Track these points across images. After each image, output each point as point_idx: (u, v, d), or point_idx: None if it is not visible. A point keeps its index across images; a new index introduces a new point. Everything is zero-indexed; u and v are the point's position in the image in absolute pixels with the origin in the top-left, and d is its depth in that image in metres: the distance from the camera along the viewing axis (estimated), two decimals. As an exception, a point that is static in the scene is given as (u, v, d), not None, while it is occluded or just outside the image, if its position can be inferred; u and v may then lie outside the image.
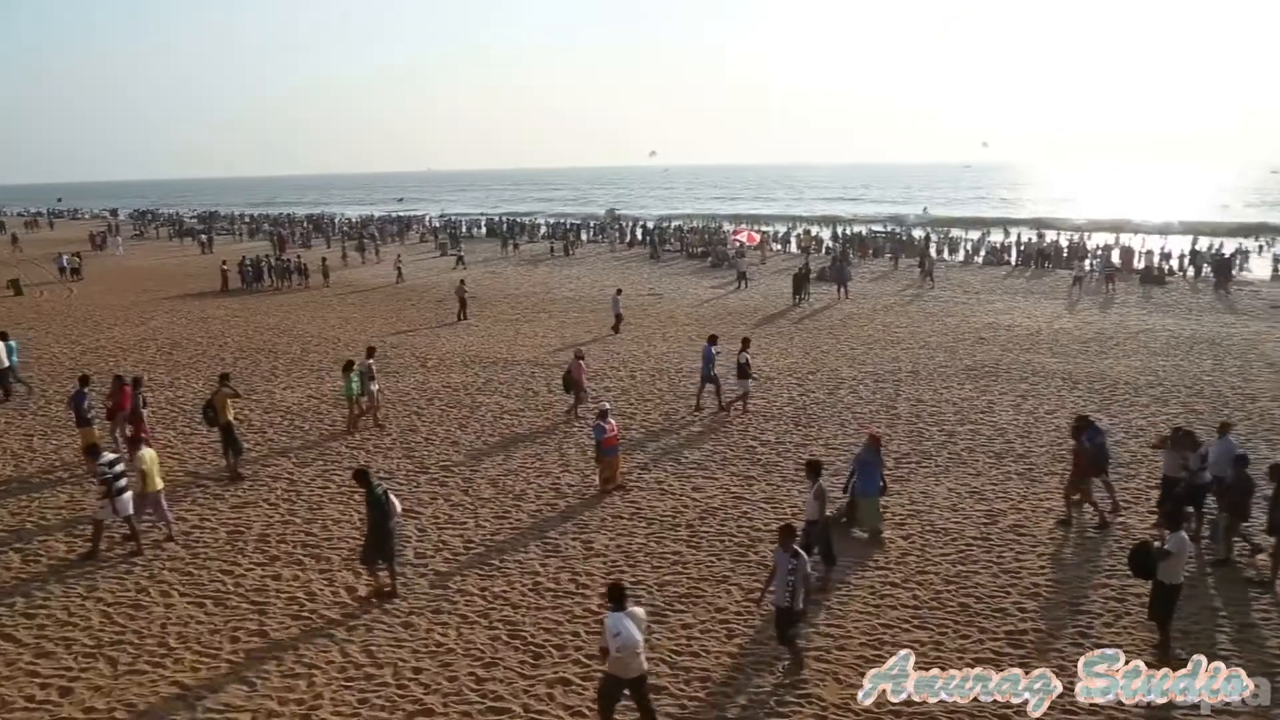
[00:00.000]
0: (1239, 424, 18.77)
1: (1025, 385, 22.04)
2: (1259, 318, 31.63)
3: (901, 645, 10.55)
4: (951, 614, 11.33)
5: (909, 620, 11.17)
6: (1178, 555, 10.19)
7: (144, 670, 10.28)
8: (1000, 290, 39.03)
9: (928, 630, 10.94)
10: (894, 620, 11.18)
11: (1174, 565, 10.20)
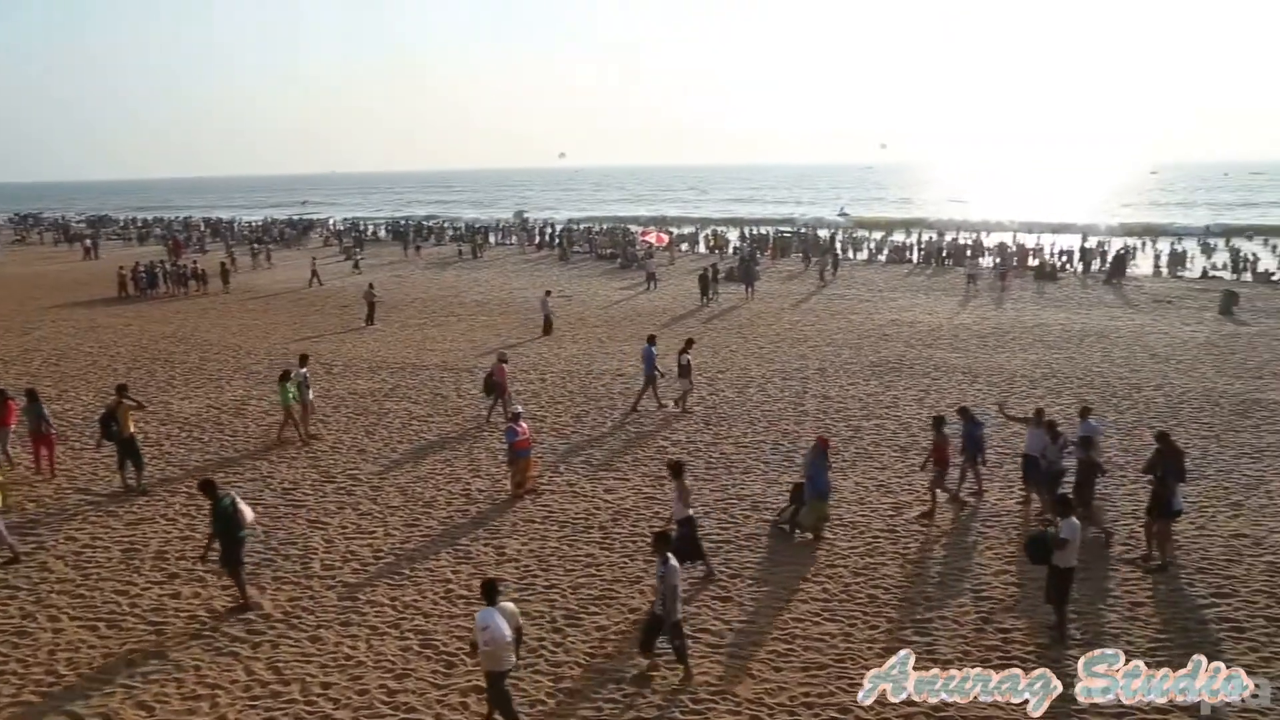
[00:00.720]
0: (1126, 412, 19.71)
1: (928, 380, 22.66)
2: (1143, 311, 33.17)
3: (812, 638, 10.75)
4: (860, 605, 11.56)
5: (819, 613, 11.35)
6: (1071, 541, 10.59)
7: (31, 701, 9.78)
8: (903, 288, 40.06)
9: (837, 623, 11.13)
10: (804, 614, 11.35)
11: (1068, 550, 10.60)
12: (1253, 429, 18.46)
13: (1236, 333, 28.93)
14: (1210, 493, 15.04)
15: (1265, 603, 11.44)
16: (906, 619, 11.21)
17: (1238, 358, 25.02)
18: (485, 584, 9.04)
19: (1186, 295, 37.11)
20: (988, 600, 11.69)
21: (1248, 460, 16.65)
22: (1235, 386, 21.78)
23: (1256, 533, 13.50)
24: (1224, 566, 12.45)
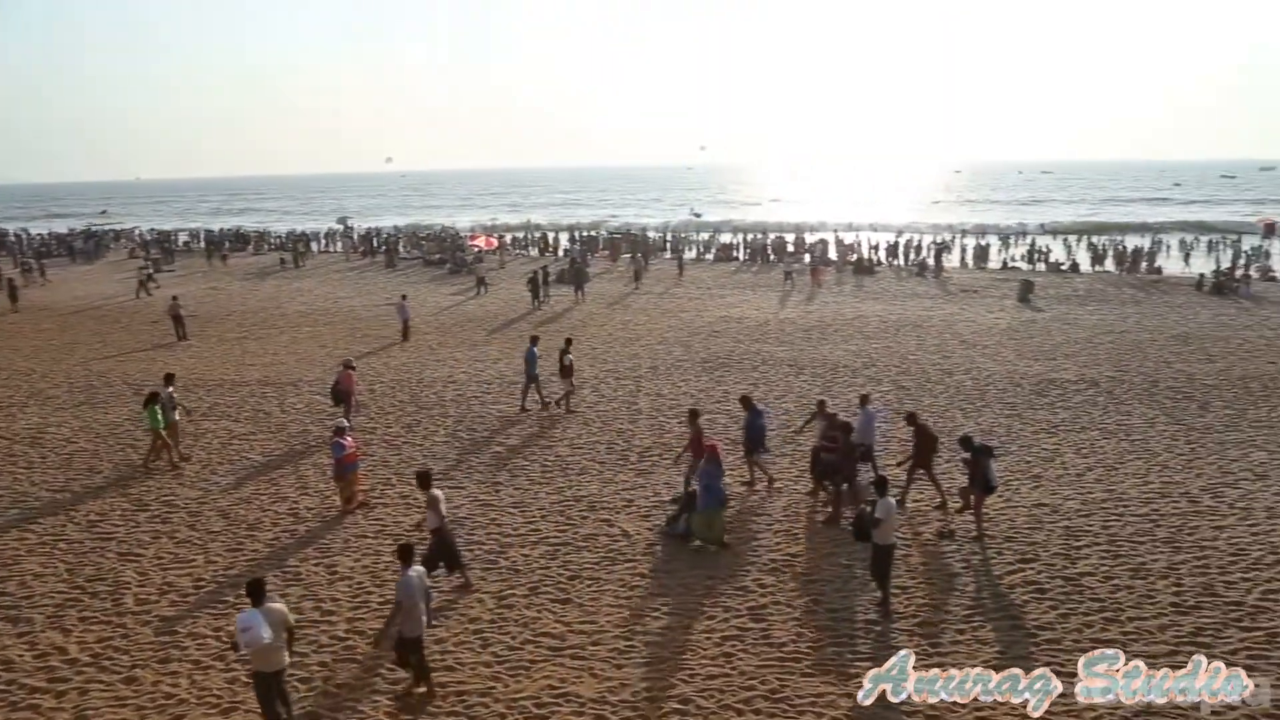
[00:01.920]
0: (939, 396, 20.91)
1: (756, 374, 23.35)
2: (953, 301, 35.32)
3: (652, 634, 10.87)
4: (698, 596, 11.79)
5: (658, 609, 11.50)
6: (886, 519, 11.15)
7: None
8: (730, 285, 41.14)
9: (677, 616, 11.31)
10: (644, 610, 11.47)
11: (885, 529, 11.16)
12: (1049, 406, 19.97)
13: (1033, 319, 31.21)
14: (1014, 467, 16.17)
15: (1062, 564, 12.41)
16: (742, 606, 11.51)
17: (1035, 341, 27.01)
18: (251, 584, 8.85)
19: (990, 285, 39.76)
20: (817, 582, 12.15)
21: (1045, 435, 18.01)
22: (1034, 368, 23.49)
23: (1054, 501, 14.62)
24: (1028, 534, 13.42)
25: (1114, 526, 13.64)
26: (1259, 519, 13.85)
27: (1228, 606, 11.27)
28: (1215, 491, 15.00)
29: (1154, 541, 13.13)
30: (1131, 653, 10.18)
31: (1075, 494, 14.93)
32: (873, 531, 11.19)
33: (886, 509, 11.18)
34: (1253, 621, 10.90)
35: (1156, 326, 29.47)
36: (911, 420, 14.98)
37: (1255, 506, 14.34)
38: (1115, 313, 32.43)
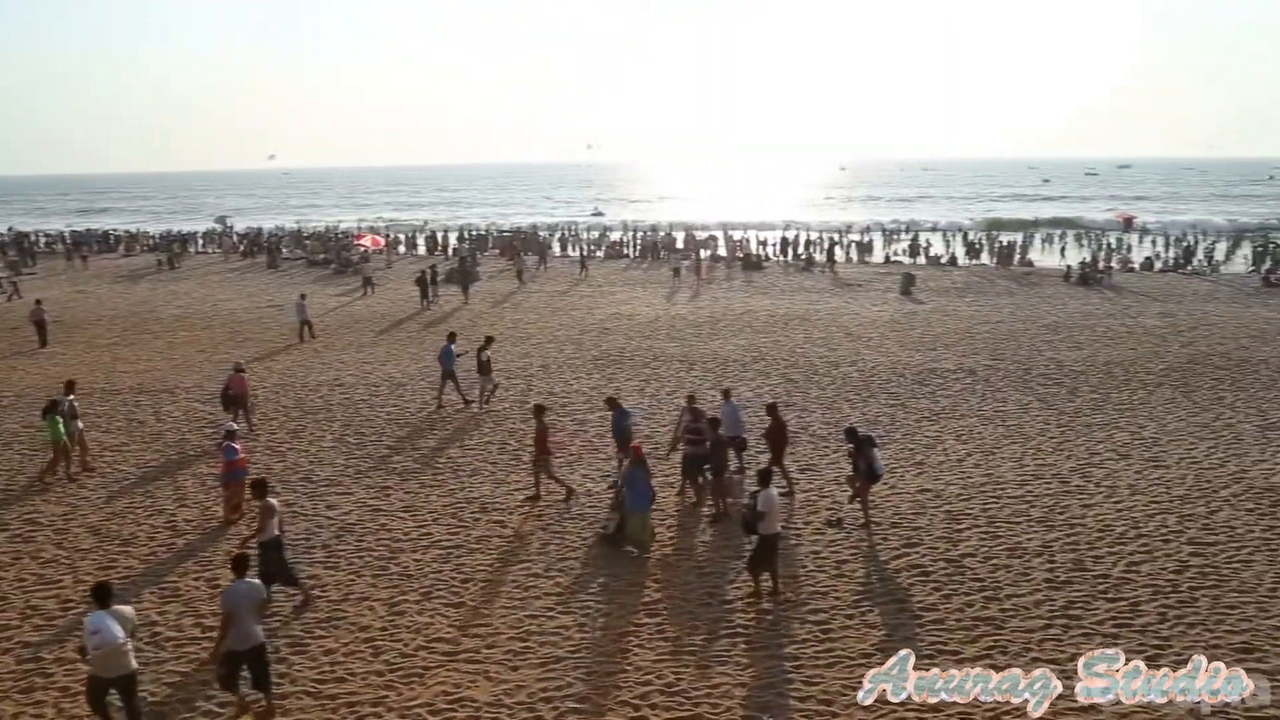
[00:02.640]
0: (826, 388, 21.40)
1: (648, 370, 23.48)
2: (838, 295, 36.24)
3: (547, 633, 10.81)
4: (593, 595, 11.78)
5: (553, 609, 11.44)
6: (770, 511, 11.37)
7: None
8: (621, 282, 41.28)
9: (572, 614, 11.27)
10: (539, 610, 11.39)
11: (770, 519, 11.38)
12: (930, 395, 20.68)
13: (915, 311, 32.28)
14: (898, 455, 16.67)
15: (945, 547, 12.86)
16: (637, 603, 11.55)
17: (916, 333, 27.93)
18: (96, 587, 8.76)
19: (874, 279, 40.93)
20: (710, 575, 12.28)
21: (927, 423, 18.64)
22: (915, 358, 24.29)
23: (937, 486, 15.14)
24: (912, 519, 13.86)
25: (992, 508, 14.21)
26: (1122, 496, 14.64)
27: (1095, 580, 11.86)
28: (1083, 471, 15.79)
29: (1029, 521, 13.72)
30: (1011, 628, 10.65)
31: (956, 479, 15.50)
32: (759, 524, 11.40)
33: (769, 501, 11.39)
34: (1117, 593, 11.51)
35: (1029, 316, 30.83)
36: (771, 411, 15.26)
37: (1119, 484, 15.15)
38: (991, 304, 33.82)
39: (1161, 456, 16.58)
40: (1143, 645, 10.32)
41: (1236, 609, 11.13)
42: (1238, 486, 15.07)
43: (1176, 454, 16.73)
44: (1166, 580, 11.86)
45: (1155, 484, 15.20)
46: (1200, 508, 14.18)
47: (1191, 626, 10.75)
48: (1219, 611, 11.08)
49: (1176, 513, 13.99)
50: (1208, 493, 14.79)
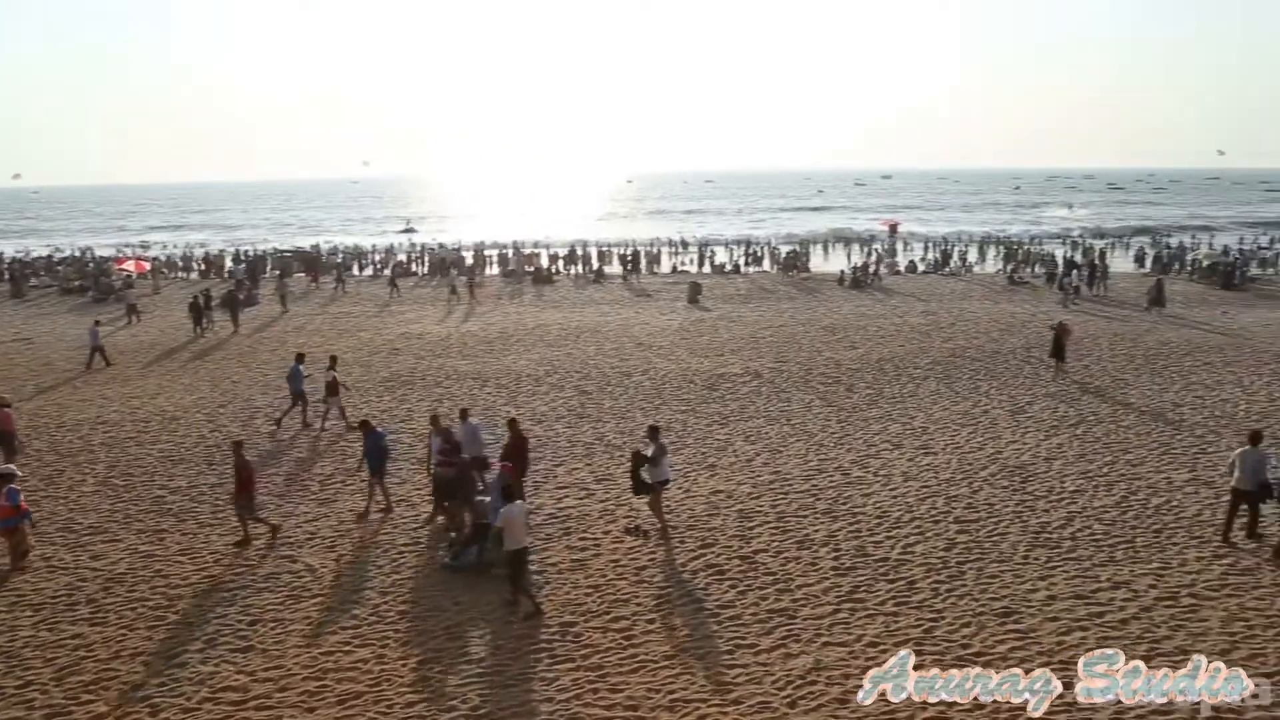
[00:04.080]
0: (619, 398, 21.72)
1: (440, 389, 23.03)
2: (629, 305, 36.89)
3: (344, 670, 10.37)
4: (392, 624, 11.41)
5: (350, 643, 10.98)
6: (512, 523, 11.39)
7: None
8: (410, 300, 40.31)
9: (370, 646, 10.87)
10: (335, 646, 10.90)
11: (513, 532, 11.41)
12: (719, 400, 21.41)
13: (702, 318, 33.35)
14: (691, 459, 17.14)
15: (738, 545, 13.34)
16: (438, 628, 11.28)
17: (704, 340, 28.86)
18: None
19: (662, 289, 41.97)
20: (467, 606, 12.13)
21: (717, 426, 19.28)
22: (704, 364, 25.08)
23: (729, 487, 15.68)
24: (706, 520, 14.28)
25: (781, 504, 14.86)
26: (897, 483, 15.69)
27: (876, 564, 12.65)
28: (862, 463, 16.81)
29: (815, 514, 14.45)
30: (802, 617, 11.16)
31: (746, 478, 16.11)
32: (505, 538, 11.44)
33: (508, 518, 11.42)
34: (896, 573, 12.35)
35: (808, 320, 32.54)
36: (511, 426, 14.98)
37: (894, 472, 16.23)
38: (773, 309, 35.45)
39: (930, 444, 17.90)
40: (919, 620, 11.08)
41: (997, 577, 12.18)
42: (994, 467, 16.49)
43: (943, 441, 18.11)
44: (938, 558, 12.81)
45: (925, 470, 16.39)
46: (964, 489, 15.41)
47: (961, 598, 11.66)
48: (983, 581, 12.09)
49: (944, 495, 15.15)
50: (970, 474, 16.10)
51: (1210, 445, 17.70)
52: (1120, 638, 10.64)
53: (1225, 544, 13.16)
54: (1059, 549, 13.05)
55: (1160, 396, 21.36)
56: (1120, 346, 27.02)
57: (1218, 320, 32.07)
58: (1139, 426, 18.99)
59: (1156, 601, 11.52)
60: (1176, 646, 10.43)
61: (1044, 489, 15.38)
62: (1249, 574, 12.26)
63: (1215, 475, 15.98)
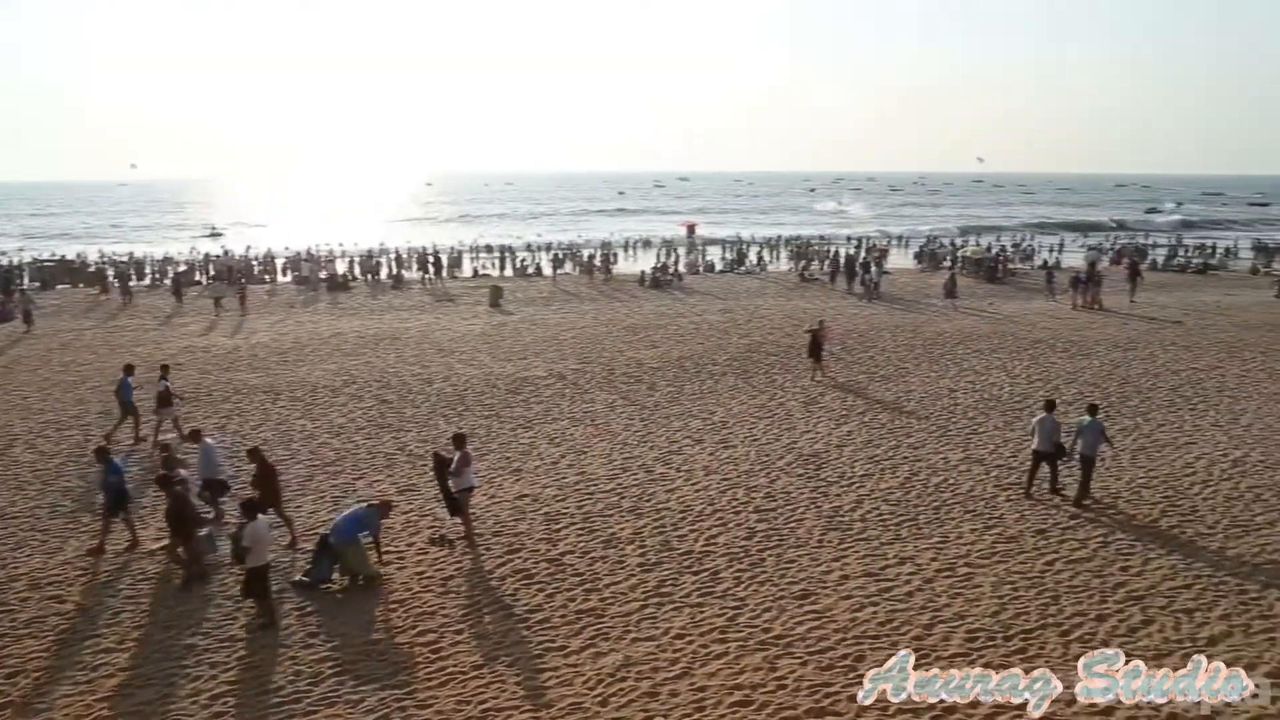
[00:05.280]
0: (421, 405, 21.20)
1: (229, 405, 21.72)
2: (429, 311, 36.03)
3: (124, 714, 9.58)
4: (177, 661, 10.64)
5: (129, 684, 10.17)
6: (256, 545, 11.04)
7: None
8: (191, 310, 37.78)
9: (155, 686, 10.10)
10: (112, 690, 10.06)
11: (258, 550, 11.08)
12: (523, 403, 21.28)
13: (505, 322, 33.07)
14: (496, 464, 16.95)
15: (546, 548, 13.30)
16: (230, 659, 10.62)
17: (507, 344, 28.61)
18: None
19: (464, 293, 41.29)
20: (313, 614, 11.63)
21: (522, 430, 19.16)
22: (507, 368, 24.86)
23: (534, 490, 15.60)
24: (512, 525, 14.15)
25: (587, 505, 14.93)
26: (699, 477, 16.10)
27: (681, 557, 12.94)
28: (665, 459, 17.13)
29: (621, 512, 14.60)
30: (611, 615, 11.23)
31: (552, 481, 16.08)
32: (247, 557, 11.08)
33: (255, 535, 11.06)
34: (700, 565, 12.68)
35: (610, 320, 32.89)
36: (254, 456, 14.01)
37: (696, 467, 16.65)
38: (576, 310, 35.61)
39: (729, 438, 18.47)
40: (723, 610, 11.41)
41: (795, 562, 12.73)
42: (790, 456, 17.21)
43: (741, 434, 18.73)
44: (739, 547, 13.24)
45: (726, 463, 16.89)
46: (762, 479, 15.99)
47: (762, 584, 12.11)
48: (782, 566, 12.59)
49: (744, 486, 15.67)
50: (767, 465, 16.74)
51: (980, 426, 19.19)
52: (905, 609, 11.37)
53: (1026, 498, 14.88)
54: (851, 531, 13.78)
55: (937, 383, 22.96)
56: (901, 337, 28.85)
57: (985, 311, 34.82)
58: (920, 411, 20.34)
59: (937, 573, 12.37)
60: (955, 613, 11.23)
61: (836, 475, 16.20)
62: (1014, 541, 13.38)
63: (985, 453, 17.38)
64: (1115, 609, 11.37)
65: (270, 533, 11.52)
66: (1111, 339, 28.78)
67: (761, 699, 9.56)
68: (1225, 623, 11.02)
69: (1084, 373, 23.91)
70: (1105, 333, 29.94)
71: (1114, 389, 21.59)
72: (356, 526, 12.57)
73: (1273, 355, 26.59)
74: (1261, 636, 10.71)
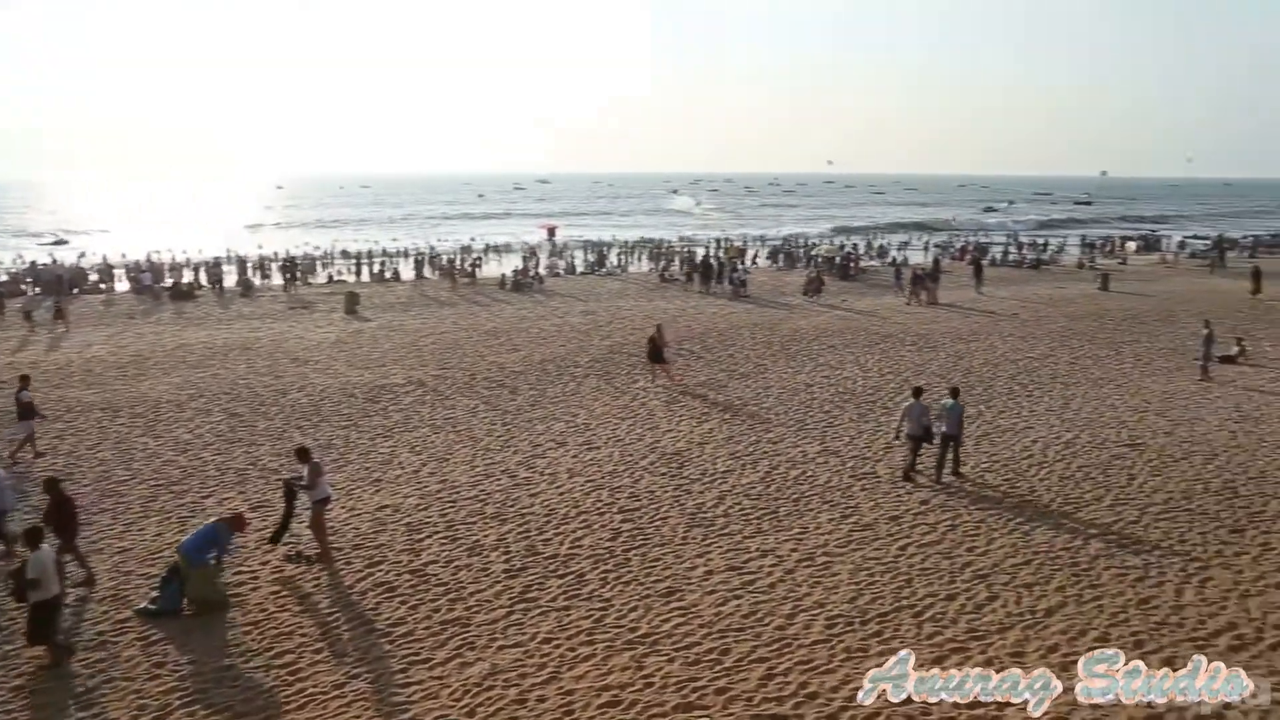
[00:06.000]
0: (275, 418, 20.40)
1: (61, 424, 20.27)
2: (281, 319, 34.68)
3: None
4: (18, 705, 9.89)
5: None
6: (43, 576, 10.29)
7: None
8: (14, 324, 35.20)
9: None
10: None
11: (46, 584, 10.32)
12: (382, 412, 20.74)
13: (362, 329, 32.15)
14: (355, 475, 16.45)
15: (408, 559, 12.98)
16: (46, 702, 9.94)
17: (364, 351, 27.84)
18: None
19: (318, 300, 39.95)
20: (160, 641, 11.00)
21: (381, 439, 18.66)
22: (365, 376, 24.18)
23: (395, 501, 15.22)
24: (373, 538, 13.76)
25: (450, 513, 14.66)
26: (563, 480, 16.06)
27: (546, 561, 12.86)
28: (529, 463, 17.01)
29: (484, 519, 14.41)
30: (476, 624, 11.05)
31: (413, 490, 15.73)
32: (30, 593, 10.29)
33: (39, 566, 10.31)
34: (565, 569, 12.64)
35: (471, 325, 32.44)
36: (50, 488, 12.88)
37: (560, 470, 16.59)
38: (435, 315, 34.97)
39: (593, 439, 18.49)
40: (590, 611, 11.40)
41: (660, 560, 12.84)
42: (654, 455, 17.36)
43: (605, 435, 18.79)
44: (604, 548, 13.27)
45: (589, 465, 16.90)
46: (626, 479, 16.08)
47: (628, 584, 12.16)
48: (647, 565, 12.69)
49: (608, 487, 15.71)
50: (631, 465, 16.84)
51: (836, 420, 19.83)
52: (768, 601, 11.62)
53: (906, 479, 15.83)
54: (714, 526, 14.00)
55: (795, 378, 23.61)
56: (760, 335, 29.56)
57: (839, 308, 36.03)
58: (778, 407, 20.86)
59: (798, 564, 12.69)
60: (815, 601, 11.55)
61: (698, 472, 16.43)
62: (869, 529, 13.88)
63: (841, 445, 17.98)
64: (964, 588, 11.93)
65: (54, 563, 10.60)
66: (956, 331, 30.29)
67: (630, 698, 9.60)
68: (1060, 594, 11.73)
69: (931, 364, 25.06)
70: (950, 326, 31.49)
71: (959, 379, 22.63)
72: (206, 545, 11.98)
73: (1098, 343, 28.54)
74: (1091, 605, 11.45)
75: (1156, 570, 12.40)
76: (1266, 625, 10.95)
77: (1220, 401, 21.46)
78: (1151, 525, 13.96)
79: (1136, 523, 14.05)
